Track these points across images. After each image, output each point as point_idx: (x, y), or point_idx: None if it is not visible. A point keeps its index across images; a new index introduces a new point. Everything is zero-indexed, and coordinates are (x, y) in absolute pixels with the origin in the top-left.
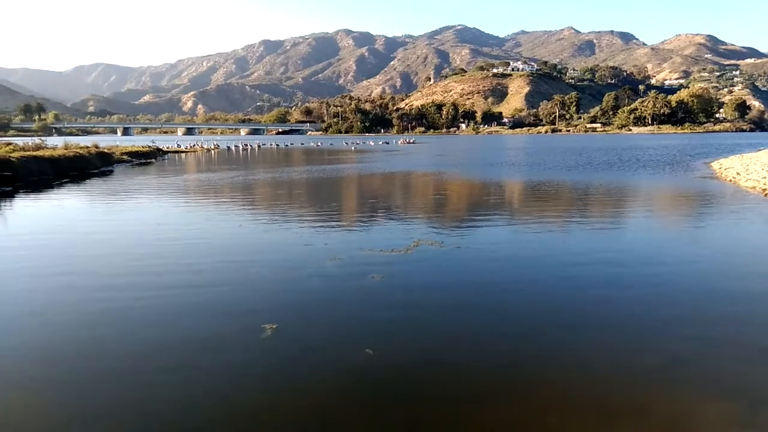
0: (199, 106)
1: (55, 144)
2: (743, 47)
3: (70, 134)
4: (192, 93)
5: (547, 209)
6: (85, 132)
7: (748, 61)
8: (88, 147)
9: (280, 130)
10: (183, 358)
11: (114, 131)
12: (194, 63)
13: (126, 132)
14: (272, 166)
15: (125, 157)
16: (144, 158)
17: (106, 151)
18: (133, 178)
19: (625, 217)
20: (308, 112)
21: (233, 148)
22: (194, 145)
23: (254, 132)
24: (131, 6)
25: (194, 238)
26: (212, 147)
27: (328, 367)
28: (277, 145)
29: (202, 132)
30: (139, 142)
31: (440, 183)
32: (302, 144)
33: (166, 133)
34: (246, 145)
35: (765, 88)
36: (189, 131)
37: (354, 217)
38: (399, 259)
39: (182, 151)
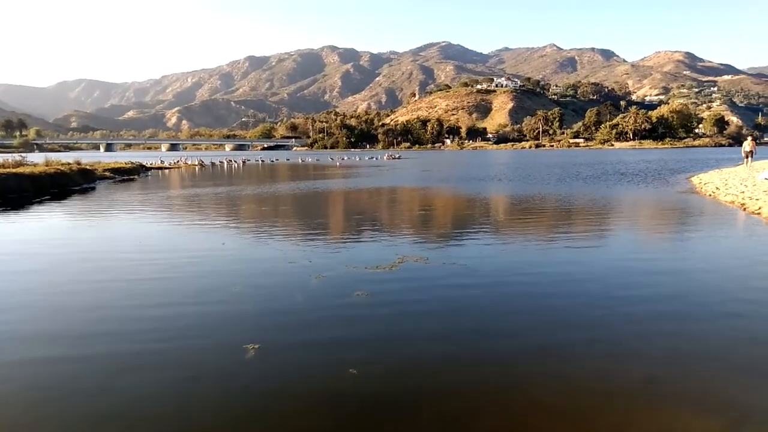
0: (184, 121)
1: (36, 161)
2: (720, 64)
3: (52, 150)
4: (176, 109)
5: (532, 224)
6: (68, 148)
7: (726, 77)
8: (69, 163)
9: (266, 145)
10: (161, 378)
11: (97, 147)
12: (179, 79)
13: (109, 148)
14: (257, 181)
15: (108, 173)
16: (127, 175)
17: (88, 167)
18: (116, 195)
19: (609, 232)
20: (294, 127)
21: (217, 163)
22: (178, 161)
23: (239, 148)
24: (115, 21)
25: (176, 256)
26: (196, 163)
27: (311, 387)
28: (262, 160)
29: (186, 148)
30: (122, 158)
31: (426, 198)
32: (288, 159)
33: (149, 149)
34: (230, 160)
35: (742, 104)
36: (173, 147)
37: (339, 234)
38: (384, 276)
39: (166, 168)
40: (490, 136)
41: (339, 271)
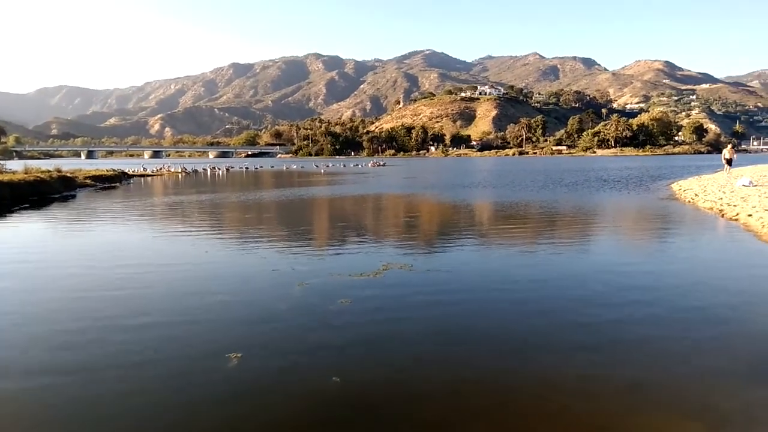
0: (167, 129)
1: (15, 168)
2: (699, 73)
3: (32, 158)
4: (159, 116)
5: (516, 230)
6: (48, 155)
7: (704, 86)
8: (49, 171)
9: (250, 152)
10: (143, 387)
11: (78, 155)
12: (162, 86)
13: (90, 155)
14: (241, 189)
15: (89, 181)
16: (108, 182)
17: (68, 175)
18: (97, 202)
19: (592, 239)
20: (278, 134)
21: (201, 171)
22: (161, 169)
23: (223, 155)
24: (97, 28)
25: (158, 265)
26: (179, 170)
27: (294, 395)
28: (246, 167)
29: (169, 155)
30: (104, 165)
31: (410, 205)
32: (272, 167)
33: (132, 156)
34: (214, 168)
35: (720, 112)
36: (156, 154)
37: (323, 241)
38: (368, 283)
39: (148, 175)
40: (474, 143)
41: (323, 278)
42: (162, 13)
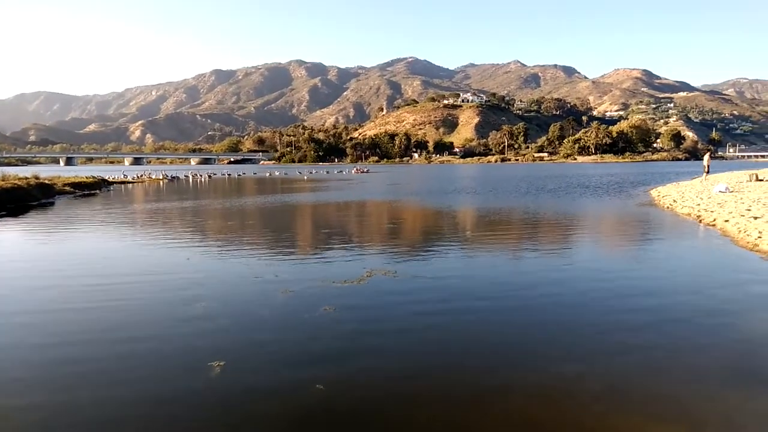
0: (148, 135)
1: None
2: (676, 81)
3: (9, 164)
4: (140, 122)
5: (498, 236)
6: (26, 162)
7: (681, 94)
8: (27, 178)
9: (232, 159)
10: (124, 396)
11: (56, 161)
12: (143, 92)
13: (69, 162)
14: (223, 196)
15: (68, 188)
16: (88, 189)
17: (46, 182)
18: (76, 210)
19: (574, 245)
20: (261, 141)
21: (183, 177)
22: (142, 176)
23: (205, 161)
24: (76, 33)
25: (138, 272)
26: (161, 177)
27: (278, 403)
28: (229, 174)
29: (150, 162)
30: (83, 172)
31: (394, 211)
32: (255, 173)
33: (112, 163)
34: (196, 174)
35: (697, 120)
36: (137, 161)
37: (306, 248)
38: (352, 290)
39: (129, 182)
40: (456, 150)
41: (306, 285)
42: (142, 18)
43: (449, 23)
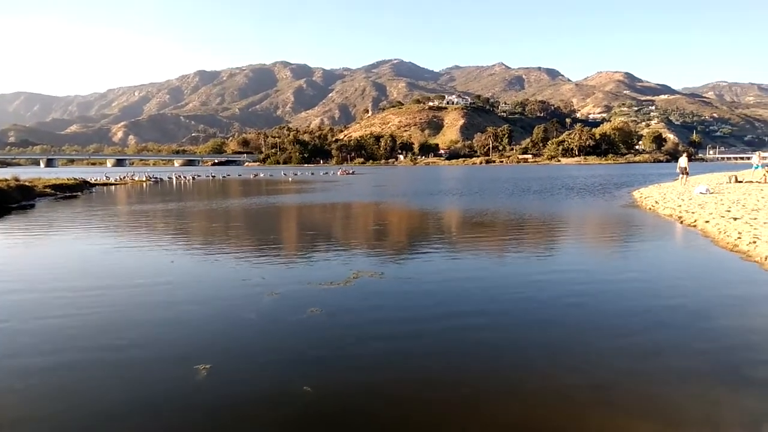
0: (131, 136)
1: None
2: (657, 84)
3: None
4: (123, 123)
5: (484, 237)
6: (5, 164)
7: (662, 97)
8: (6, 180)
9: (216, 161)
10: (110, 400)
11: (37, 163)
12: (125, 93)
13: (50, 164)
14: (208, 197)
15: (49, 190)
16: (69, 191)
17: (27, 184)
18: (57, 212)
19: (559, 246)
20: (245, 142)
21: (166, 179)
22: (124, 177)
23: (189, 163)
24: (57, 33)
25: (122, 276)
26: (144, 179)
27: (265, 405)
28: (213, 176)
29: (133, 163)
30: (64, 174)
31: (380, 213)
32: (239, 175)
33: (94, 164)
34: (180, 176)
35: (678, 122)
36: (119, 163)
37: (292, 250)
38: (338, 292)
39: (112, 184)
40: (442, 152)
41: (292, 287)
42: (124, 17)
43: (434, 25)
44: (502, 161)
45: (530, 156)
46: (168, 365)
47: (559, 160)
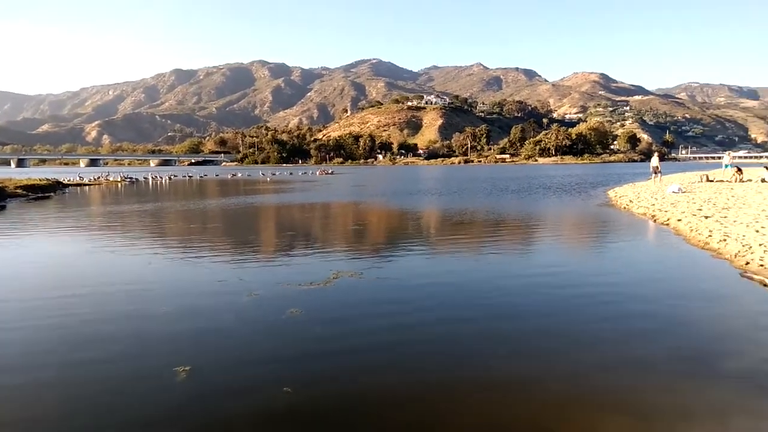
0: (105, 136)
1: None
2: (632, 85)
3: None
4: (96, 122)
5: (462, 236)
6: None
7: (636, 97)
8: None
9: (193, 160)
10: (88, 404)
11: (7, 163)
12: (99, 91)
13: (21, 164)
14: (185, 198)
15: (20, 191)
16: (42, 192)
17: None
18: (29, 214)
19: (535, 243)
20: (223, 142)
21: (142, 180)
22: (99, 178)
23: (165, 163)
24: (27, 31)
25: (97, 279)
26: (119, 179)
27: (245, 407)
28: (190, 176)
29: (107, 163)
30: (36, 174)
31: (360, 213)
32: (217, 175)
33: (67, 164)
34: (156, 176)
35: (652, 123)
36: (93, 162)
37: (271, 251)
38: (318, 293)
39: (86, 184)
40: (420, 151)
41: (272, 288)
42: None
43: (413, 25)
44: (480, 161)
45: (508, 156)
46: (146, 368)
47: (536, 160)
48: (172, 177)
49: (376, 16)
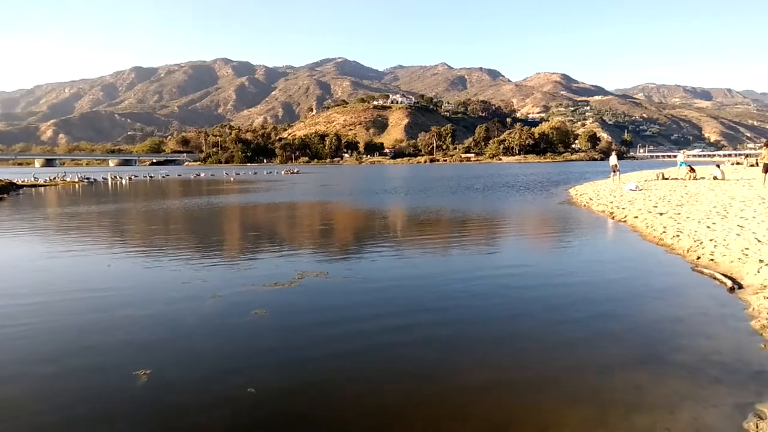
0: (61, 135)
1: None
2: (592, 85)
3: None
4: (52, 121)
5: (428, 234)
6: None
7: (596, 98)
8: None
9: (155, 160)
10: (46, 411)
11: None
12: (55, 89)
13: None
14: (146, 199)
15: None
16: None
17: None
18: None
19: (499, 242)
20: (185, 141)
21: (101, 180)
22: (55, 178)
23: (125, 163)
24: None
25: (55, 282)
26: (77, 180)
27: (208, 408)
28: (152, 176)
29: (64, 163)
30: None
31: (326, 212)
32: (179, 175)
33: (21, 165)
34: (115, 177)
35: (611, 122)
36: (49, 163)
37: (235, 252)
38: (283, 293)
39: (41, 185)
40: (387, 151)
41: (236, 289)
42: (50, 8)
43: (378, 24)
44: (446, 160)
45: (473, 155)
46: (105, 372)
47: (500, 159)
48: (132, 177)
49: (341, 15)
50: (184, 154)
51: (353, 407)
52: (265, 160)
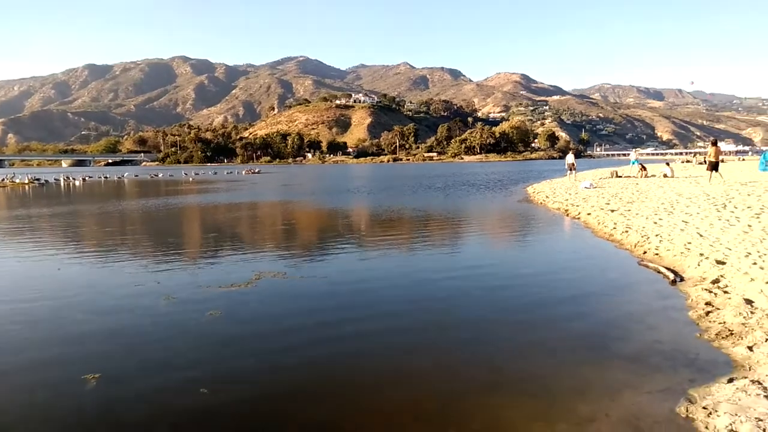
0: (10, 135)
1: None
2: (550, 86)
3: None
4: (0, 120)
5: (389, 234)
6: None
7: (555, 98)
8: None
9: (111, 161)
10: None
11: None
12: (3, 87)
13: None
14: (100, 200)
15: None
16: None
17: None
18: None
19: (459, 240)
20: (142, 141)
21: (53, 181)
22: (3, 180)
23: (79, 163)
24: None
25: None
26: (27, 181)
27: (159, 410)
28: (107, 177)
29: (13, 164)
30: None
31: (286, 213)
32: (136, 175)
33: None
34: (68, 177)
35: (569, 122)
36: None
37: (191, 253)
38: (239, 294)
39: None
40: (350, 150)
41: (191, 291)
42: None
43: (340, 23)
44: (408, 159)
45: (435, 154)
46: (53, 376)
47: (462, 158)
48: (86, 178)
49: (303, 13)
50: (142, 154)
51: (308, 406)
52: (225, 160)
